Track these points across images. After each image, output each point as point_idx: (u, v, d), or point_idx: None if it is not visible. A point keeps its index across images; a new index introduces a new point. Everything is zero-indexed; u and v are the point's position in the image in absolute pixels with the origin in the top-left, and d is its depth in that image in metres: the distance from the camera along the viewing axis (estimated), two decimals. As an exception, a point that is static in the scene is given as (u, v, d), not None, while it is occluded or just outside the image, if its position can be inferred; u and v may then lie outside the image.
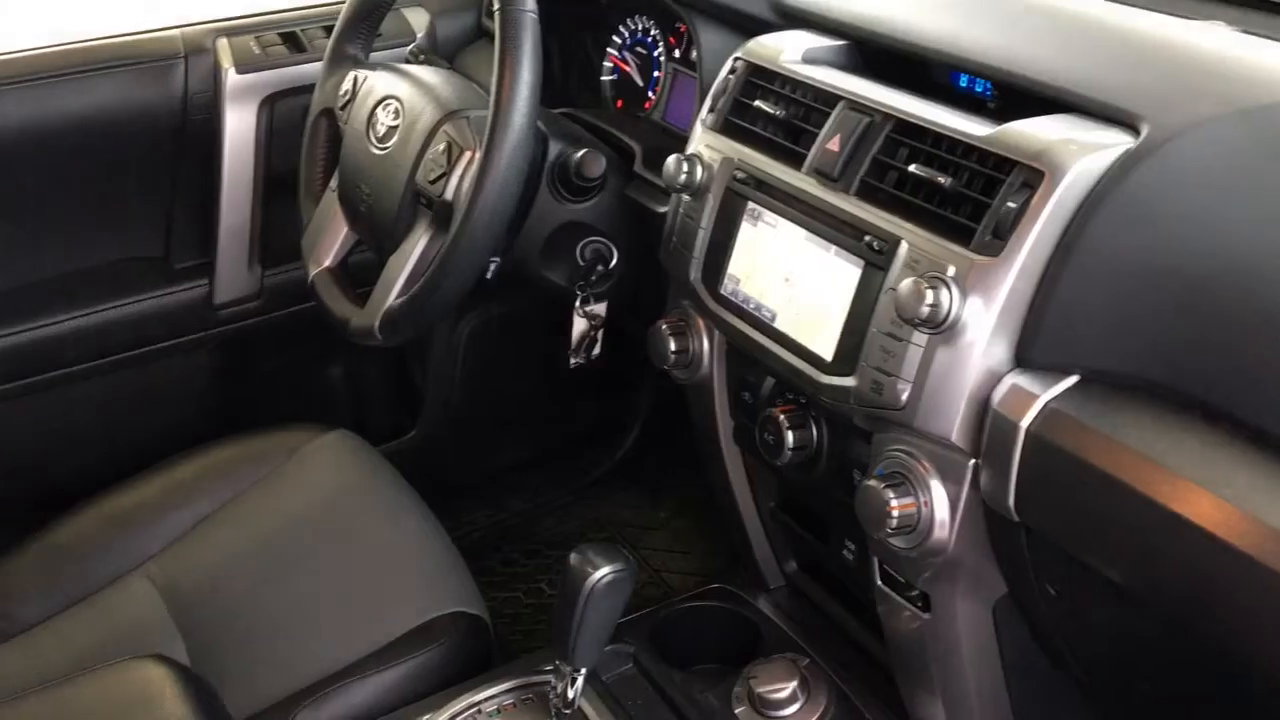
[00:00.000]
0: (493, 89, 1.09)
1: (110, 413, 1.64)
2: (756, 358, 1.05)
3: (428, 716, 1.11)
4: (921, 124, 0.93)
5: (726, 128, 1.11)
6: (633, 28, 1.46)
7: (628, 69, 1.47)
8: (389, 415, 1.87)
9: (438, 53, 1.58)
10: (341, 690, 1.17)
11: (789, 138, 1.05)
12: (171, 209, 1.60)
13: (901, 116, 0.95)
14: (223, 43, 1.53)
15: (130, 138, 1.52)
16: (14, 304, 1.53)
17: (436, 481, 1.50)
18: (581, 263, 1.29)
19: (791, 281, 1.00)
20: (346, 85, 1.34)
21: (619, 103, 1.49)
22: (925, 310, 0.84)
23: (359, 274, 1.37)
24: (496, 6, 1.10)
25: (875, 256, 0.92)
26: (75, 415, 1.62)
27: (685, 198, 1.11)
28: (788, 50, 1.09)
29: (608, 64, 1.49)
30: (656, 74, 1.42)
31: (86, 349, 1.57)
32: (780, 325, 1.01)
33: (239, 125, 1.54)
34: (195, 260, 1.62)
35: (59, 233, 1.55)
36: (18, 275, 1.54)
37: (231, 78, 1.52)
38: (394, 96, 1.27)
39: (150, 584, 1.36)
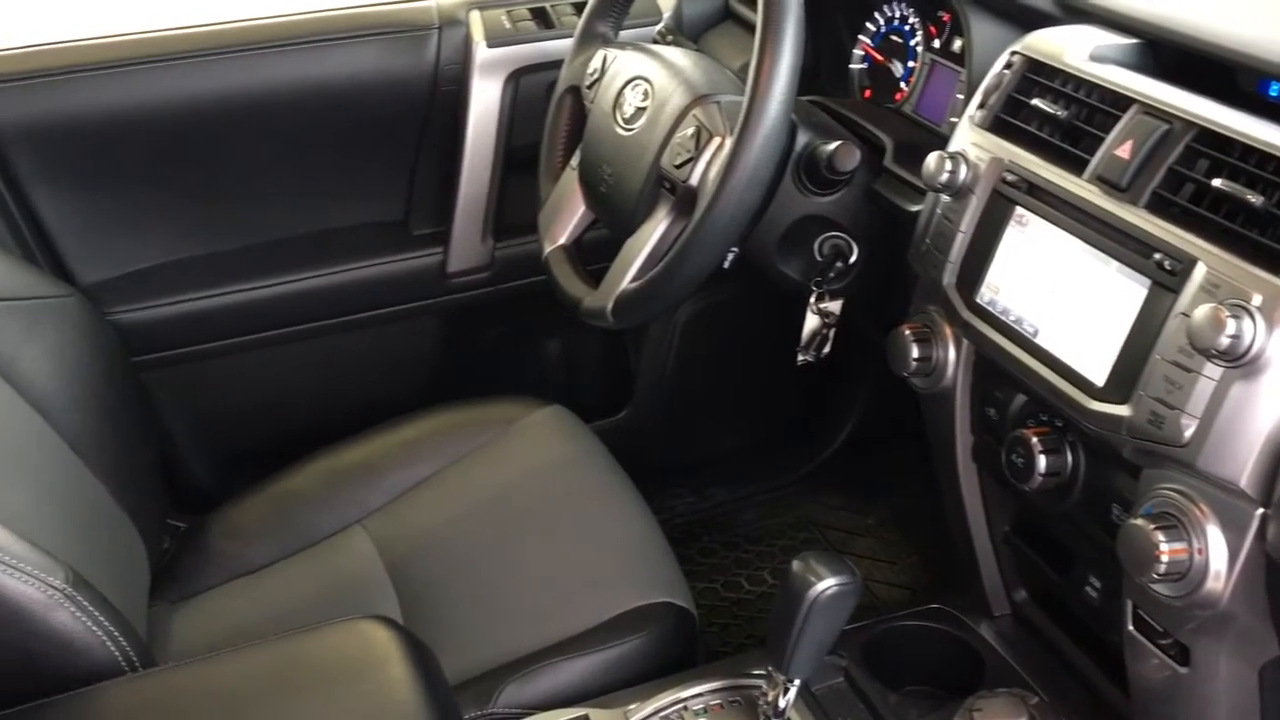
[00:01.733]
0: (750, 75, 1.06)
1: (342, 370, 1.71)
2: (1011, 373, 0.99)
3: (634, 706, 1.10)
4: (1230, 135, 0.85)
5: (997, 126, 1.04)
6: (889, 15, 1.40)
7: (880, 58, 1.41)
8: (601, 393, 1.87)
9: (683, 33, 1.56)
10: (549, 668, 1.17)
11: (1068, 140, 0.97)
12: (414, 177, 1.64)
13: (1206, 125, 0.87)
14: (475, 15, 1.56)
15: (381, 105, 1.56)
16: (262, 259, 1.61)
17: (642, 463, 1.49)
18: (819, 258, 1.24)
19: (1060, 295, 0.94)
20: (595, 63, 1.33)
21: (867, 92, 1.43)
22: (1224, 341, 0.76)
23: (589, 252, 1.37)
24: (761, -11, 1.06)
25: (1165, 277, 0.84)
26: (310, 370, 1.69)
27: (944, 197, 1.05)
28: (1073, 46, 1.01)
29: (858, 52, 1.44)
30: (911, 64, 1.36)
31: (326, 307, 1.63)
32: (1043, 342, 0.94)
33: (485, 98, 1.56)
34: (432, 228, 1.66)
35: (308, 193, 1.62)
36: (268, 231, 1.62)
37: (482, 51, 1.54)
38: (643, 77, 1.26)
39: (369, 538, 1.40)
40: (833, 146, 1.14)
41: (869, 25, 1.42)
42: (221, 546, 1.43)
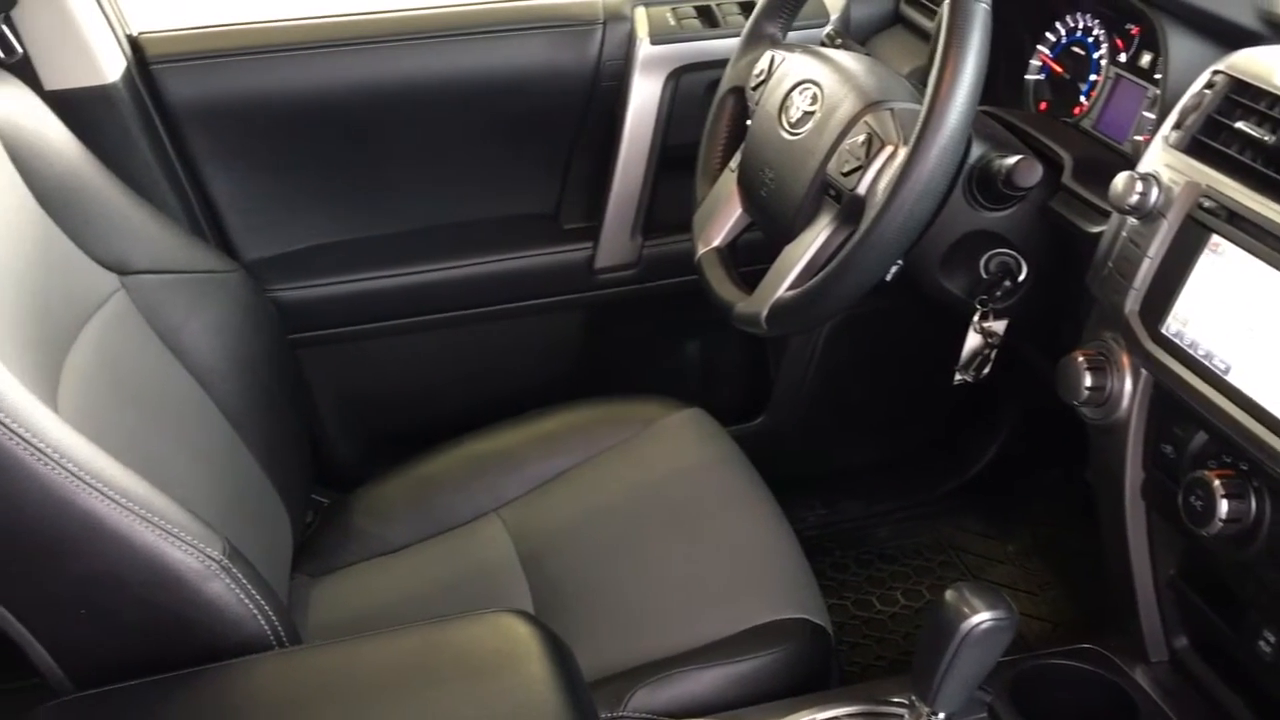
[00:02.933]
0: (931, 82, 1.02)
1: (487, 358, 1.72)
2: (1195, 410, 0.93)
3: (767, 723, 1.08)
4: None
5: (1194, 148, 0.98)
6: (1071, 25, 1.34)
7: (1059, 69, 1.35)
8: (737, 397, 1.85)
9: (850, 36, 1.52)
10: (681, 676, 1.15)
11: (1273, 167, 0.91)
12: (567, 171, 1.65)
13: None
14: (640, 12, 1.55)
15: (541, 98, 1.57)
16: (417, 245, 1.63)
17: (775, 471, 1.46)
18: (984, 275, 1.19)
19: (1258, 331, 0.88)
20: (762, 65, 1.31)
21: (1042, 105, 1.38)
22: None
23: (739, 254, 1.34)
24: (946, -6, 1.03)
25: (1384, 319, 0.78)
26: (456, 357, 1.71)
27: (1131, 220, 1.00)
28: (1284, 67, 0.95)
29: (1035, 62, 1.38)
30: (1094, 78, 1.30)
31: (475, 295, 1.64)
32: (1235, 379, 0.89)
33: (644, 95, 1.55)
34: (582, 223, 1.66)
35: (465, 182, 1.64)
36: (424, 218, 1.64)
37: (645, 48, 1.53)
38: (812, 81, 1.23)
39: (504, 527, 1.41)
40: (1013, 161, 1.09)
41: (1049, 35, 1.37)
42: (362, 525, 1.46)
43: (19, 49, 1.28)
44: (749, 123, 1.32)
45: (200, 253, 1.37)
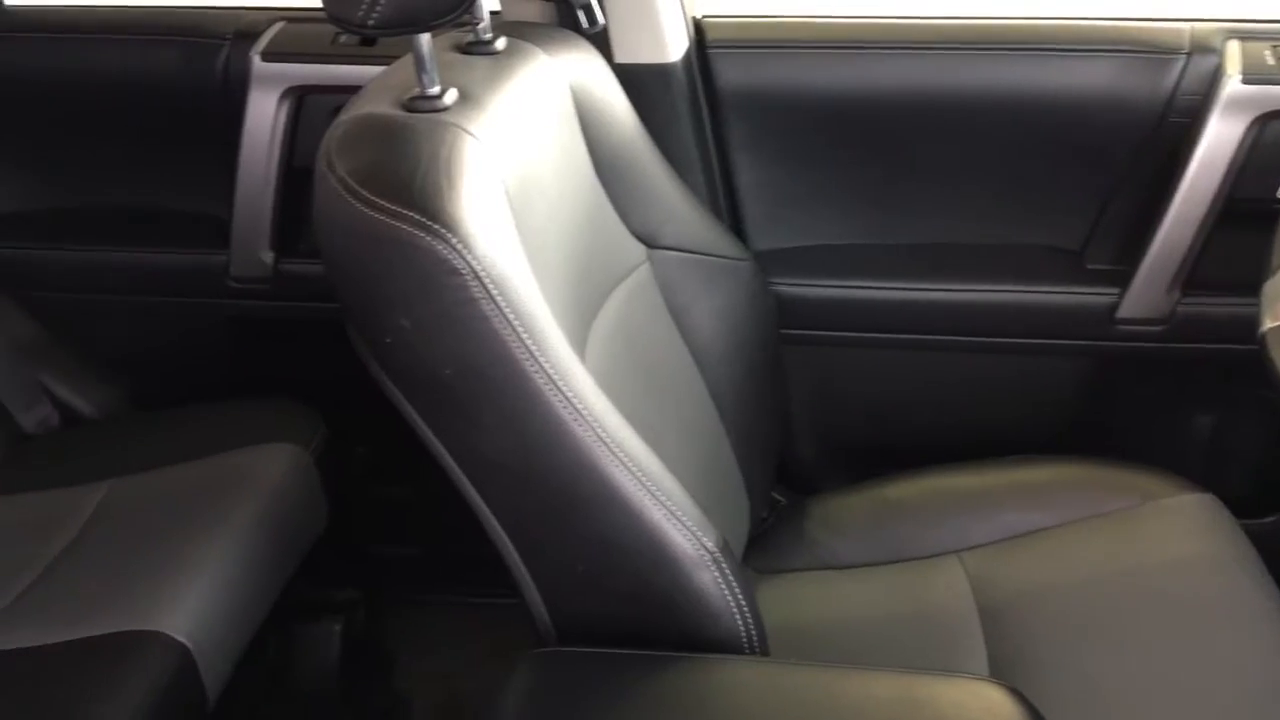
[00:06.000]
0: None
1: (974, 391, 1.63)
2: None
3: None
4: None
5: None
6: None
7: None
8: (1249, 486, 1.63)
9: None
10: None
11: None
12: (1104, 208, 1.51)
13: None
14: (1234, 45, 1.37)
15: (1094, 126, 1.44)
16: (923, 261, 1.56)
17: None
18: None
19: None
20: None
21: None
22: None
23: None
24: None
25: None
26: (942, 383, 1.63)
27: None
28: None
29: None
30: None
31: (975, 324, 1.55)
32: None
33: (1221, 137, 1.35)
34: (1110, 265, 1.51)
35: (986, 203, 1.55)
36: (935, 234, 1.57)
37: (1233, 85, 1.35)
38: None
39: (964, 573, 1.32)
40: None
41: None
42: (816, 533, 1.44)
43: (601, 20, 1.35)
44: (1358, 184, 1.13)
45: (719, 237, 1.39)
